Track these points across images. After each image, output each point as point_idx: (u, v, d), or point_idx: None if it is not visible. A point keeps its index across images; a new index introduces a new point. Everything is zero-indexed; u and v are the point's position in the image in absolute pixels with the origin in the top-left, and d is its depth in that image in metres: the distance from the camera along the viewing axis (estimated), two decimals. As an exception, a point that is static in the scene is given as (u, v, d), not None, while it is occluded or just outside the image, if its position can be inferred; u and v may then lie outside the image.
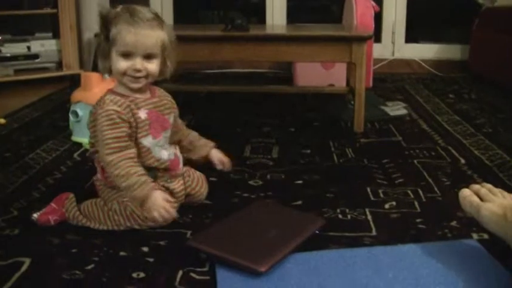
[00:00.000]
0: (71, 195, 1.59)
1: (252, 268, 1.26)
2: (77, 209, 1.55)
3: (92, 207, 1.55)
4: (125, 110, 1.48)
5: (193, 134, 1.73)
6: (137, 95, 1.53)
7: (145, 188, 1.43)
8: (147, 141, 1.52)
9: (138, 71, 1.48)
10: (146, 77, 1.50)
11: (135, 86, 1.51)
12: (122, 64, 1.47)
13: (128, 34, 1.44)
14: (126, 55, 1.47)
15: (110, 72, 1.53)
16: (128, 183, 1.43)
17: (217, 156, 1.71)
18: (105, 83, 2.29)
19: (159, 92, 1.62)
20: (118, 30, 1.45)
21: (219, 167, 1.71)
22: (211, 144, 1.72)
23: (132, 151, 1.47)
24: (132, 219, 1.50)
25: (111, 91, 1.54)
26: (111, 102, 1.48)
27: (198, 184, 1.67)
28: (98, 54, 1.53)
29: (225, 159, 1.71)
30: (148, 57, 1.49)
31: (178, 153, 1.63)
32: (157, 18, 1.51)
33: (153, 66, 1.50)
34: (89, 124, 1.54)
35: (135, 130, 1.50)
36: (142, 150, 1.51)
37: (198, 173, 1.70)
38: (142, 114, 1.51)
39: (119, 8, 1.48)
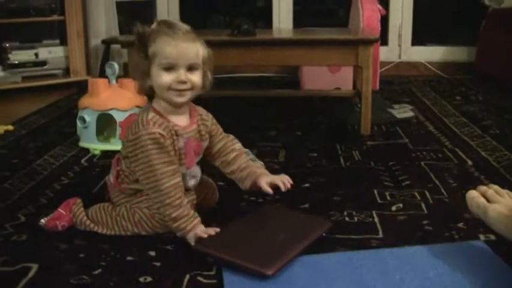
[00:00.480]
0: (79, 200, 1.60)
1: (260, 271, 1.26)
2: (84, 214, 1.55)
3: (100, 212, 1.55)
4: (167, 134, 1.45)
5: (239, 162, 1.60)
6: (177, 120, 1.49)
7: (193, 222, 1.42)
8: (181, 170, 1.49)
9: (183, 82, 1.43)
10: (191, 89, 1.46)
11: (181, 100, 1.46)
12: (165, 78, 1.43)
13: (168, 46, 1.41)
14: (169, 68, 1.42)
15: (150, 91, 1.48)
16: (178, 214, 1.41)
17: (266, 182, 1.55)
18: (112, 89, 2.31)
19: (198, 115, 1.57)
20: (157, 44, 1.42)
21: (268, 192, 1.55)
22: (256, 172, 1.58)
23: (180, 178, 1.46)
24: (140, 226, 1.50)
25: (153, 109, 1.49)
26: (155, 125, 1.44)
27: (210, 191, 1.67)
28: (136, 74, 1.49)
29: (278, 180, 1.55)
30: (190, 68, 1.44)
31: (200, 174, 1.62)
32: (194, 32, 1.48)
33: (196, 77, 1.46)
34: (127, 138, 1.48)
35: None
36: None
37: (209, 180, 1.69)
38: (180, 142, 1.48)
39: (154, 24, 1.45)
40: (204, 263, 1.35)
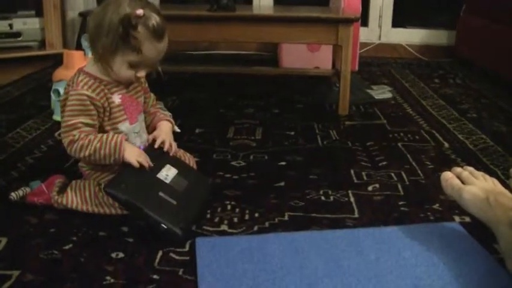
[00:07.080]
0: (59, 179, 1.54)
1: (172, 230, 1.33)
2: (60, 195, 1.49)
3: (84, 186, 1.49)
4: (98, 94, 1.44)
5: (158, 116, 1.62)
6: (109, 79, 1.48)
7: (119, 137, 1.42)
8: (124, 126, 1.49)
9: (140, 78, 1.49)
10: None
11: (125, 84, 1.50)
12: (128, 73, 1.44)
13: (151, 50, 1.40)
14: (135, 65, 1.43)
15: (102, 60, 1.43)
16: (104, 142, 1.40)
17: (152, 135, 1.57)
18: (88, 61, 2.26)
19: None
20: (141, 40, 1.37)
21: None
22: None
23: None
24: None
25: (83, 71, 1.47)
26: (85, 86, 1.43)
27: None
28: (101, 45, 1.40)
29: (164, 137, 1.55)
30: None
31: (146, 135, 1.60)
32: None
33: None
34: (61, 103, 1.47)
35: (108, 116, 1.46)
36: None
37: (188, 154, 1.66)
38: (116, 99, 1.48)
39: (139, 11, 1.36)
40: (177, 239, 1.33)
